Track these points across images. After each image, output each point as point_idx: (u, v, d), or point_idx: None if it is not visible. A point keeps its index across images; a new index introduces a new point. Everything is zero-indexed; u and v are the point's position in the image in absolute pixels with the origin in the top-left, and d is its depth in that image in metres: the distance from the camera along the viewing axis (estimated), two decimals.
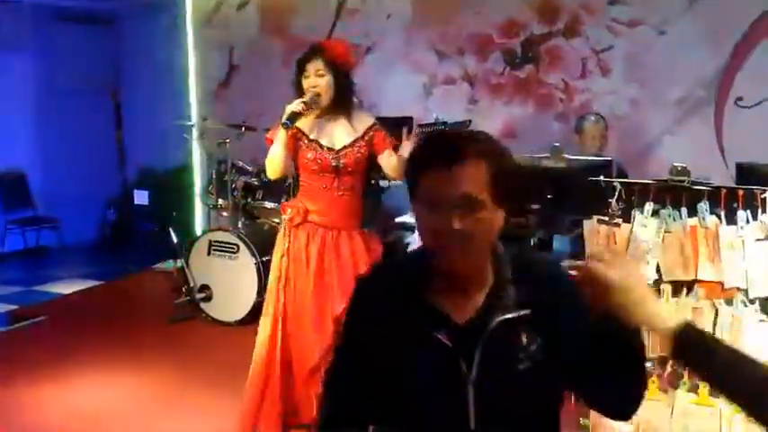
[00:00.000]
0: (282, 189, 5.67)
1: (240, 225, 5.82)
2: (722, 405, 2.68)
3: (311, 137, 3.62)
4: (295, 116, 3.49)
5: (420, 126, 5.69)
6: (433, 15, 6.40)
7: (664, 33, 5.69)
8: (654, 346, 2.75)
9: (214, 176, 5.98)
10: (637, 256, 2.63)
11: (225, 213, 5.94)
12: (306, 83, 3.56)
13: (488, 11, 6.23)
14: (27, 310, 5.88)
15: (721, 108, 5.63)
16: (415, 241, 4.75)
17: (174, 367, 4.77)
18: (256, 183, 5.75)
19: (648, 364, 2.81)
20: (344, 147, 3.64)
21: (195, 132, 6.83)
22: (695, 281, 2.67)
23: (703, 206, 2.60)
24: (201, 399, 4.33)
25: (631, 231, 2.69)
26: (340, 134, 3.66)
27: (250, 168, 5.84)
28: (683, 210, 2.64)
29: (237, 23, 7.23)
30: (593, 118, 5.30)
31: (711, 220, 2.60)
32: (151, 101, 7.84)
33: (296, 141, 3.62)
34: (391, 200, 5.60)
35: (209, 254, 5.63)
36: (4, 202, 7.79)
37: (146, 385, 4.53)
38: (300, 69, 3.59)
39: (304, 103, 3.50)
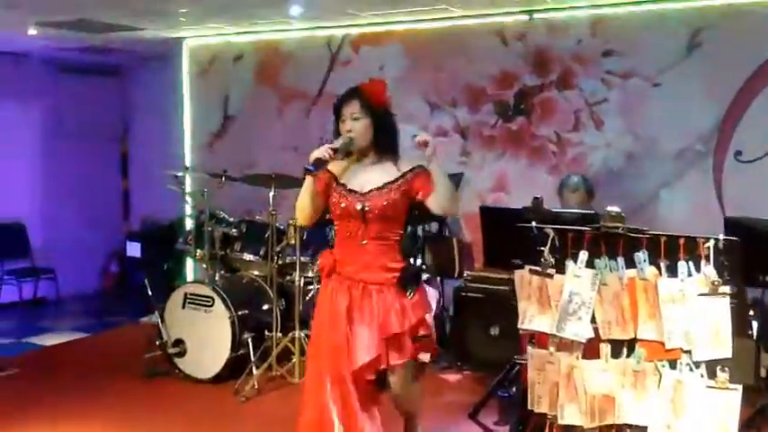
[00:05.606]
0: (262, 241, 5.50)
1: (218, 277, 5.63)
2: None
3: (342, 181, 3.37)
4: (320, 163, 3.25)
5: None
6: (426, 66, 6.28)
7: (658, 85, 5.49)
8: None
9: (193, 227, 5.83)
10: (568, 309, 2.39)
11: (204, 265, 5.77)
12: (342, 127, 3.33)
13: (481, 62, 6.09)
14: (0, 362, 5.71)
15: (720, 162, 5.38)
16: None
17: (143, 426, 4.56)
18: (235, 233, 5.58)
19: None
20: (372, 189, 3.32)
21: (186, 183, 6.72)
22: (635, 339, 2.41)
23: (641, 255, 2.34)
24: None
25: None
26: (375, 178, 3.35)
27: (231, 219, 5.69)
28: (620, 259, 2.38)
29: (233, 75, 7.20)
30: (575, 180, 4.95)
31: (650, 271, 2.34)
32: (156, 151, 7.81)
33: (328, 187, 3.39)
34: None
35: (183, 307, 5.43)
36: (0, 253, 7.72)
37: None
38: (337, 114, 3.37)
39: (332, 149, 3.26)
